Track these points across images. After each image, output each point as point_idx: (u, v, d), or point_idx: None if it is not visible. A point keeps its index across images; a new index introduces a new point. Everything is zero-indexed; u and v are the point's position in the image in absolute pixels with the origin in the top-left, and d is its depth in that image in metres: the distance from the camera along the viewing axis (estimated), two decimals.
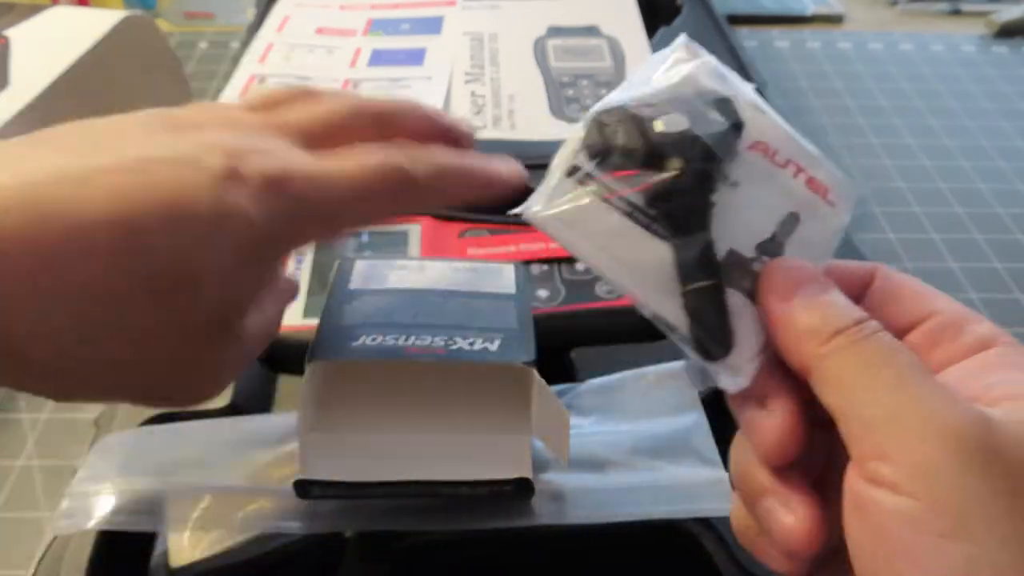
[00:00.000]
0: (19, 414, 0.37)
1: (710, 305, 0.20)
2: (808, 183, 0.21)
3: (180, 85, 0.54)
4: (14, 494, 0.34)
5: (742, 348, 0.20)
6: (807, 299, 0.19)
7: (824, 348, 0.18)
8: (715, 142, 0.20)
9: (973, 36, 0.70)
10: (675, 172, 0.20)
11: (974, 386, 0.18)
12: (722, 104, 0.21)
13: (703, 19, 0.60)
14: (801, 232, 0.21)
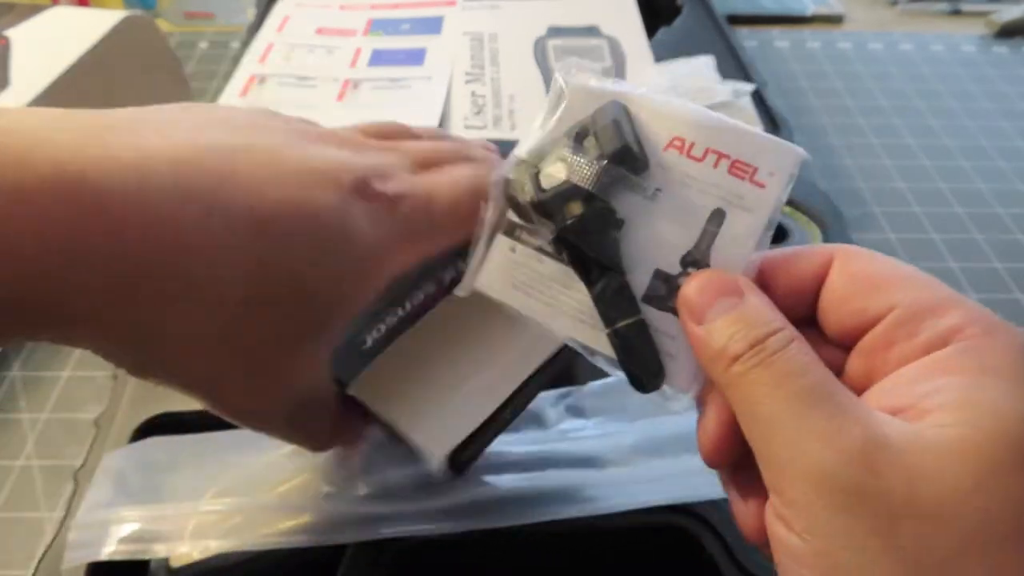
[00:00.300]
0: (19, 414, 0.37)
1: (635, 342, 0.20)
2: (732, 169, 0.20)
3: (180, 85, 0.53)
4: (14, 494, 0.34)
5: (679, 373, 0.20)
6: (716, 317, 0.19)
7: (727, 373, 0.18)
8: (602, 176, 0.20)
9: (973, 36, 0.70)
10: (564, 223, 0.20)
11: (910, 393, 0.17)
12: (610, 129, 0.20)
13: (703, 19, 0.60)
14: (728, 228, 0.20)
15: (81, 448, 0.36)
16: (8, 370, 0.39)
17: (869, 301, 0.19)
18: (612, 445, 0.29)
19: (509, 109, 0.49)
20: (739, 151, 0.20)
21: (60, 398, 0.38)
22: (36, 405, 0.38)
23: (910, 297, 0.18)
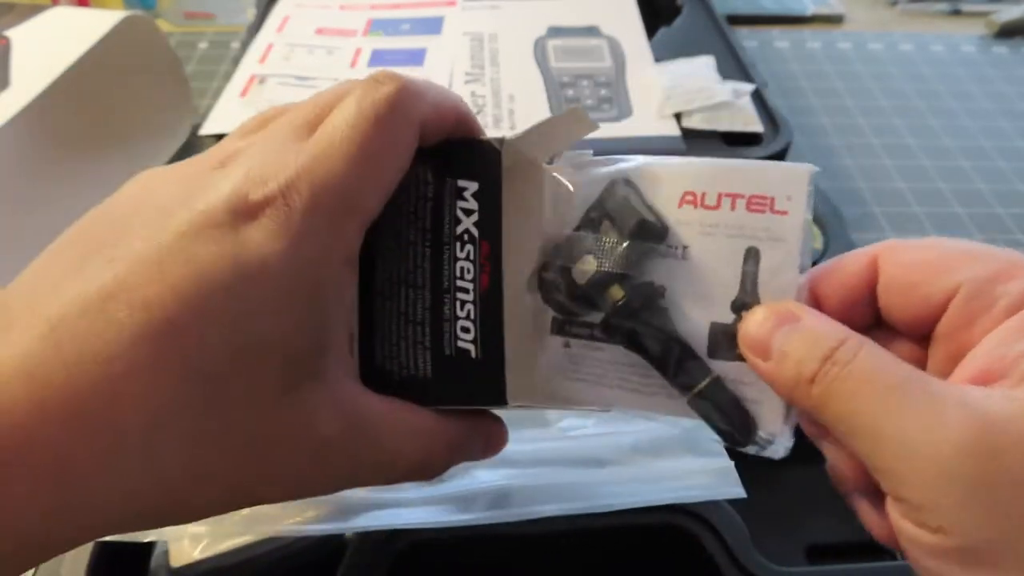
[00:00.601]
0: None
1: (716, 399, 0.20)
2: (750, 207, 0.20)
3: (180, 85, 0.54)
4: None
5: (768, 415, 0.20)
6: (779, 349, 0.18)
7: (811, 398, 0.18)
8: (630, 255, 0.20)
9: (973, 36, 0.70)
10: (611, 309, 0.20)
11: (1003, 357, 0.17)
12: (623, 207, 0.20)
13: (703, 19, 0.60)
14: (767, 263, 0.20)
15: None
16: None
17: (932, 286, 0.19)
18: (612, 444, 0.29)
19: (509, 109, 0.49)
20: (751, 187, 0.20)
21: None
22: None
23: (973, 271, 0.18)
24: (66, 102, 0.45)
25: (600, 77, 0.53)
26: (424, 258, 0.21)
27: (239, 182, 0.18)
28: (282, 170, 0.18)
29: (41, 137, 0.44)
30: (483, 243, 0.21)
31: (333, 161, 0.18)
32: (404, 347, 0.21)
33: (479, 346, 0.21)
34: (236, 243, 0.17)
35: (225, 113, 0.48)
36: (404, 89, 0.19)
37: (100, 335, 0.16)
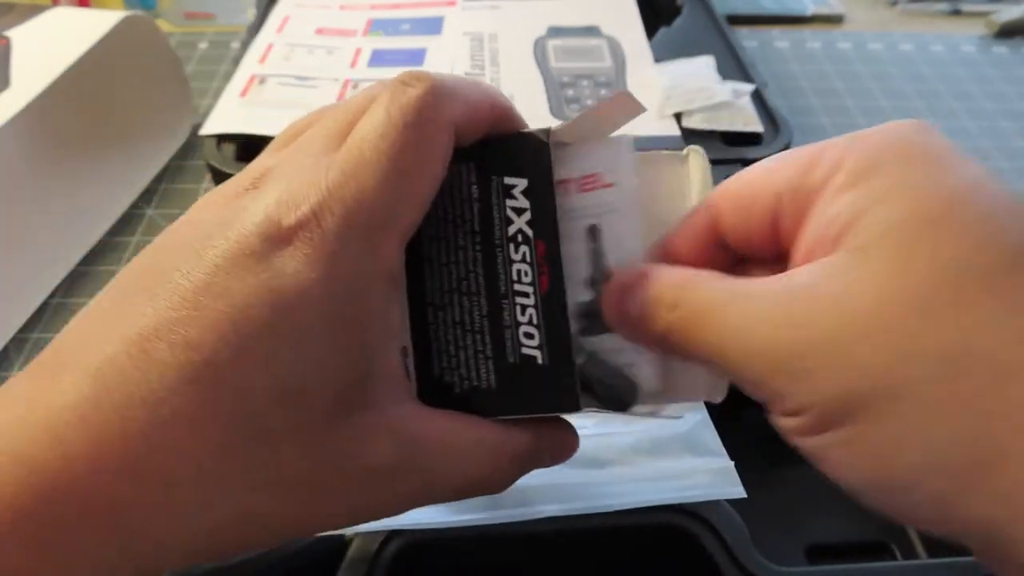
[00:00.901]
0: None
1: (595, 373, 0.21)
2: (582, 188, 0.20)
3: (180, 85, 0.54)
4: None
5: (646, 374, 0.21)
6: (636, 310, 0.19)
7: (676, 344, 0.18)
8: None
9: (973, 36, 0.69)
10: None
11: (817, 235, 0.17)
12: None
13: (703, 19, 0.60)
14: (610, 234, 0.20)
15: None
16: (8, 370, 0.39)
17: (760, 203, 0.19)
18: (612, 444, 0.29)
19: None
20: (578, 170, 0.21)
21: None
22: None
23: (787, 173, 0.18)
24: (66, 102, 0.45)
25: (600, 77, 0.53)
26: (476, 263, 0.21)
27: (271, 207, 0.17)
28: (313, 190, 0.17)
29: (41, 137, 0.44)
30: (538, 243, 0.20)
31: (364, 176, 0.17)
32: (463, 358, 0.21)
33: (545, 351, 0.20)
34: (272, 274, 0.17)
35: (225, 113, 0.48)
36: (433, 90, 0.19)
37: (145, 376, 0.16)
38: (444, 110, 0.19)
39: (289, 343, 0.17)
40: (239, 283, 0.16)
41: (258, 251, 0.17)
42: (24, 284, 0.42)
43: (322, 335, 0.17)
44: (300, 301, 0.17)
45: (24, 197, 0.43)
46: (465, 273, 0.21)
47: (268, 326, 0.16)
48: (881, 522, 0.32)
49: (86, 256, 0.45)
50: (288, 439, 0.17)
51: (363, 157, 0.18)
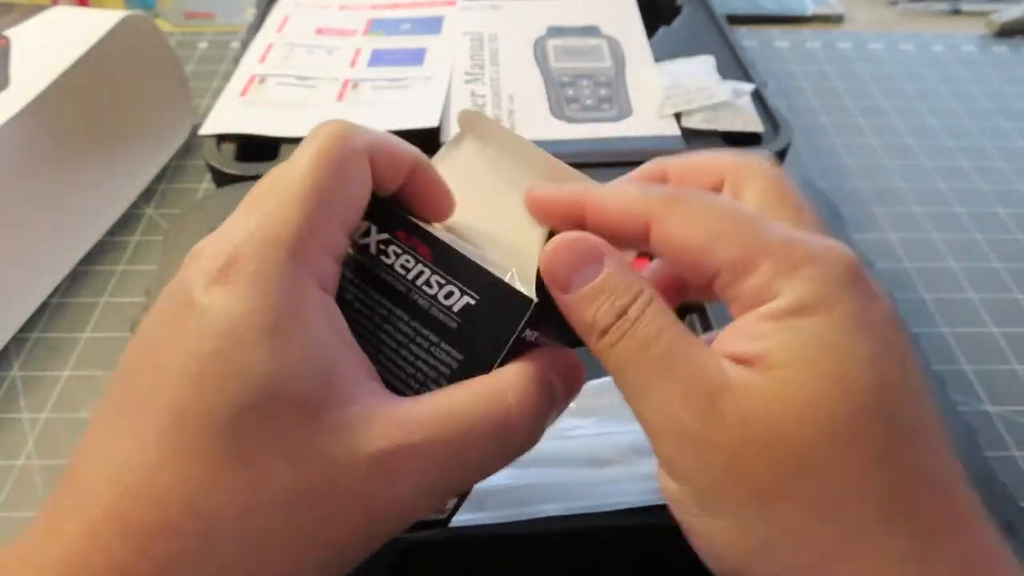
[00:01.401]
0: (19, 414, 0.37)
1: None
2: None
3: (180, 85, 0.54)
4: (14, 494, 0.34)
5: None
6: (580, 289, 0.20)
7: (600, 345, 0.20)
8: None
9: (973, 36, 0.70)
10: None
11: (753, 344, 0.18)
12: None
13: (703, 19, 0.60)
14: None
15: None
16: (8, 370, 0.39)
17: (697, 270, 0.20)
18: (612, 444, 0.29)
19: (509, 109, 0.49)
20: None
21: (60, 398, 0.38)
22: (36, 405, 0.38)
23: (725, 260, 0.19)
24: (66, 102, 0.45)
25: (600, 77, 0.53)
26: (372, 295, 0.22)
27: (203, 260, 0.19)
28: (236, 232, 0.19)
29: (41, 137, 0.44)
30: (398, 232, 0.21)
31: (281, 205, 0.19)
32: (418, 362, 0.21)
33: (469, 292, 0.21)
34: (210, 310, 0.18)
35: (225, 113, 0.48)
36: (342, 123, 0.21)
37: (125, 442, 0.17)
38: (353, 138, 0.20)
39: (237, 364, 0.17)
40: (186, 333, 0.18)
41: (197, 300, 0.18)
42: (24, 284, 0.42)
43: (265, 346, 0.18)
44: (239, 324, 0.17)
45: (24, 197, 0.43)
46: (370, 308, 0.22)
47: (214, 356, 0.17)
48: None
49: (86, 256, 0.45)
50: (269, 453, 0.17)
51: (278, 191, 0.19)
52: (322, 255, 0.19)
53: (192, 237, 0.39)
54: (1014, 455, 0.36)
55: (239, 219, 0.20)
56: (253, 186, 0.21)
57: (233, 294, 0.18)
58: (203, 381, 0.17)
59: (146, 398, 0.17)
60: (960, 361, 0.40)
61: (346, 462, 0.18)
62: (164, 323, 0.18)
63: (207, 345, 0.17)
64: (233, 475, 0.17)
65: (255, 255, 0.18)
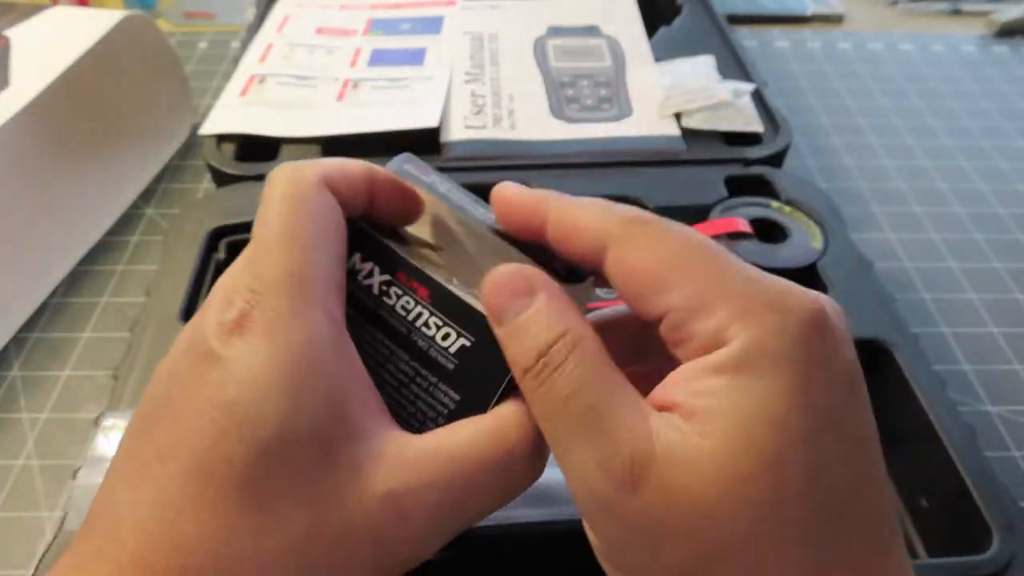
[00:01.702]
0: (19, 414, 0.37)
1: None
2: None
3: (180, 85, 0.54)
4: (14, 494, 0.34)
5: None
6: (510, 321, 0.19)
7: (523, 384, 0.19)
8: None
9: (973, 36, 0.70)
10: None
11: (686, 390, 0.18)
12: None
13: (703, 19, 0.60)
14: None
15: (81, 448, 0.36)
16: (8, 370, 0.39)
17: (647, 302, 0.19)
18: None
19: (509, 109, 0.49)
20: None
21: (60, 398, 0.38)
22: (36, 405, 0.38)
23: (679, 296, 0.18)
24: (66, 102, 0.45)
25: (600, 77, 0.53)
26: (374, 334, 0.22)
27: (214, 313, 0.19)
28: (241, 284, 0.19)
29: (41, 137, 0.44)
30: (398, 274, 0.22)
31: (268, 254, 0.19)
32: (418, 402, 0.22)
33: (466, 331, 0.21)
34: (227, 362, 0.18)
35: (225, 113, 0.48)
36: (293, 166, 0.21)
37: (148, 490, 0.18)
38: (304, 174, 0.21)
39: (254, 411, 0.18)
40: (203, 384, 0.18)
41: (214, 350, 0.18)
42: (24, 284, 0.42)
43: (281, 392, 0.18)
44: (256, 373, 0.18)
45: (24, 197, 0.43)
46: (372, 346, 0.22)
47: (232, 406, 0.18)
48: None
49: (86, 256, 0.45)
50: (282, 498, 0.18)
51: (262, 240, 0.20)
52: (324, 290, 0.20)
53: (192, 237, 0.39)
54: (1014, 455, 0.36)
55: (241, 274, 0.20)
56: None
57: (250, 344, 0.18)
58: (222, 430, 0.18)
59: (167, 448, 0.18)
60: (960, 361, 0.40)
61: (359, 502, 0.18)
62: (182, 375, 0.19)
63: (225, 395, 0.18)
64: (251, 521, 0.17)
65: (265, 305, 0.19)
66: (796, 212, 0.41)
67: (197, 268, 0.38)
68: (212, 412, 0.18)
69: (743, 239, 0.39)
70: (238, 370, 0.18)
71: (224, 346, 0.18)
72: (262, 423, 0.18)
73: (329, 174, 0.21)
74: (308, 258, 0.19)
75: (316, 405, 0.18)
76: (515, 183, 0.22)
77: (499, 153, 0.46)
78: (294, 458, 0.18)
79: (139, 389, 0.32)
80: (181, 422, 0.18)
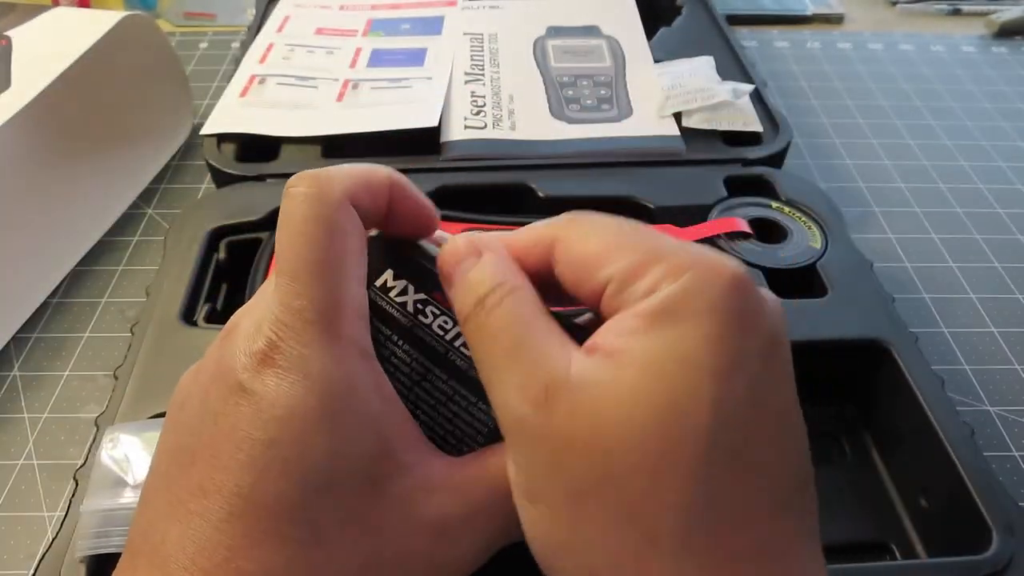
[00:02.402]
0: (19, 414, 0.37)
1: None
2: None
3: (180, 85, 0.54)
4: (14, 494, 0.34)
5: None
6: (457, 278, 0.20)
7: (466, 332, 0.20)
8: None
9: (973, 36, 0.70)
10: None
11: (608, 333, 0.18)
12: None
13: (703, 19, 0.60)
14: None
15: (81, 448, 0.36)
16: (8, 370, 0.39)
17: (591, 283, 0.19)
18: None
19: (509, 109, 0.49)
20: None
21: (60, 398, 0.38)
22: (36, 405, 0.38)
23: (618, 265, 0.19)
24: (66, 102, 0.45)
25: (600, 77, 0.53)
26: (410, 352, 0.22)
27: (241, 343, 0.19)
28: (267, 312, 0.19)
29: (41, 137, 0.44)
30: (434, 294, 0.22)
31: (295, 284, 0.19)
32: (456, 420, 0.22)
33: None
34: (261, 396, 0.18)
35: (225, 113, 0.48)
36: (314, 180, 0.20)
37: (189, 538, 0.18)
38: (330, 191, 0.20)
39: (297, 448, 0.18)
40: (238, 418, 0.18)
41: (245, 384, 0.18)
42: (24, 284, 0.42)
43: (322, 428, 0.18)
44: (294, 410, 0.18)
45: (24, 197, 0.43)
46: (408, 364, 0.22)
47: (274, 444, 0.18)
48: (881, 522, 0.32)
49: (86, 256, 0.45)
50: (337, 532, 0.18)
51: (287, 265, 0.19)
52: (353, 320, 0.20)
53: (192, 237, 0.39)
54: (1014, 455, 0.36)
55: (265, 303, 0.20)
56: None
57: (284, 379, 0.18)
58: (265, 467, 0.18)
59: (208, 483, 0.18)
60: (960, 361, 0.40)
61: (413, 532, 0.19)
62: (214, 407, 0.19)
63: (265, 433, 0.18)
64: (308, 556, 0.18)
65: (296, 338, 0.19)
66: (796, 212, 0.41)
67: (197, 268, 0.38)
68: (252, 450, 0.18)
69: (743, 239, 0.39)
70: (277, 408, 0.18)
71: (255, 379, 0.18)
72: (308, 462, 0.18)
73: (353, 192, 0.21)
74: (337, 288, 0.19)
75: (360, 441, 0.19)
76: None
77: (499, 153, 0.46)
78: (345, 494, 0.18)
79: (139, 389, 0.32)
80: (220, 458, 0.18)
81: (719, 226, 0.39)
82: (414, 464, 0.20)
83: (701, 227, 0.40)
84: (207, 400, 0.19)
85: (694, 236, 0.39)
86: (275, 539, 0.17)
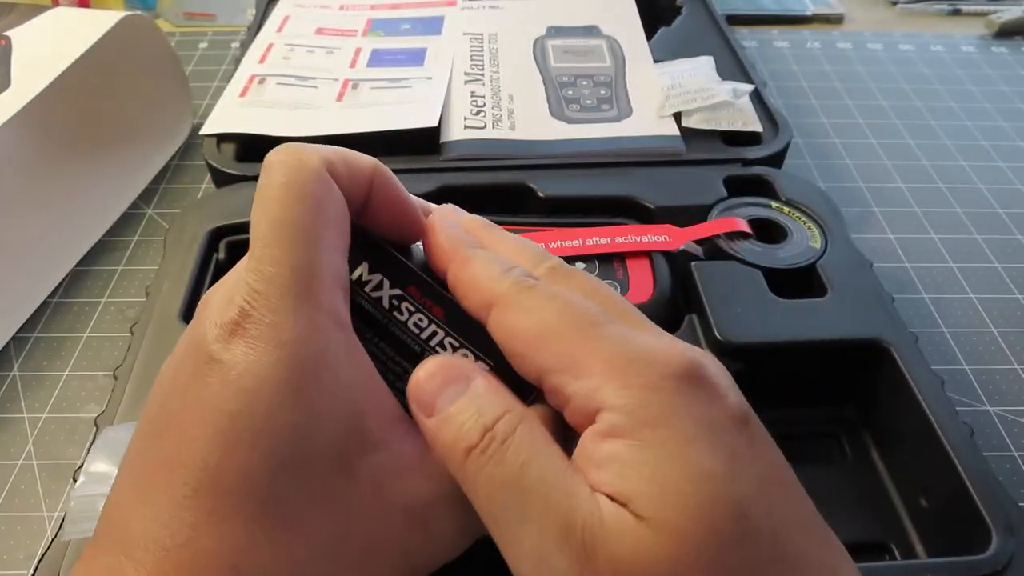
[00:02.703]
0: (19, 414, 0.37)
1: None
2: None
3: (180, 85, 0.54)
4: (14, 494, 0.34)
5: None
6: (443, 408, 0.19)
7: (463, 468, 0.18)
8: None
9: (973, 36, 0.70)
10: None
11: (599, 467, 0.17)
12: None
13: (703, 19, 0.60)
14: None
15: (81, 448, 0.36)
16: (8, 370, 0.39)
17: (524, 363, 0.19)
18: None
19: (509, 109, 0.49)
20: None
21: (60, 398, 0.38)
22: (36, 405, 0.38)
23: (549, 359, 0.18)
24: (66, 102, 0.45)
25: (600, 77, 0.53)
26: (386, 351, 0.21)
27: (213, 314, 0.18)
28: (240, 283, 0.18)
29: (41, 137, 0.44)
30: (409, 288, 0.21)
31: (269, 249, 0.18)
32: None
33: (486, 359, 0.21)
34: (230, 367, 0.17)
35: (225, 113, 0.48)
36: (292, 150, 0.20)
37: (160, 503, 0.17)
38: (307, 159, 0.19)
39: (266, 421, 0.17)
40: (206, 390, 0.17)
41: (215, 354, 0.17)
42: (24, 284, 0.42)
43: (292, 400, 0.17)
44: (263, 380, 0.17)
45: (24, 197, 0.43)
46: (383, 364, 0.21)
47: (242, 415, 0.17)
48: (881, 522, 0.32)
49: (86, 256, 0.45)
50: (304, 511, 0.17)
51: (263, 237, 0.18)
52: (330, 288, 0.19)
53: (192, 237, 0.39)
54: (1014, 455, 0.36)
55: (241, 271, 0.19)
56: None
57: (253, 349, 0.17)
58: (232, 440, 0.17)
59: (174, 458, 0.17)
60: (960, 361, 0.40)
61: (383, 515, 0.18)
62: (184, 381, 0.18)
63: (232, 404, 0.17)
64: (274, 536, 0.17)
65: (268, 305, 0.18)
66: (796, 212, 0.41)
67: (197, 268, 0.38)
68: (219, 422, 0.17)
69: (743, 239, 0.39)
70: (244, 378, 0.17)
71: (225, 349, 0.17)
72: (277, 436, 0.17)
73: (333, 165, 0.20)
74: (312, 253, 0.18)
75: (331, 416, 0.18)
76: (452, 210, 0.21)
77: (498, 153, 0.46)
78: (313, 471, 0.17)
79: (139, 389, 0.32)
80: (187, 431, 0.17)
81: (719, 226, 0.39)
82: (389, 442, 0.19)
83: (701, 227, 0.40)
84: (178, 374, 0.18)
85: (694, 236, 0.39)
86: (241, 517, 0.17)
